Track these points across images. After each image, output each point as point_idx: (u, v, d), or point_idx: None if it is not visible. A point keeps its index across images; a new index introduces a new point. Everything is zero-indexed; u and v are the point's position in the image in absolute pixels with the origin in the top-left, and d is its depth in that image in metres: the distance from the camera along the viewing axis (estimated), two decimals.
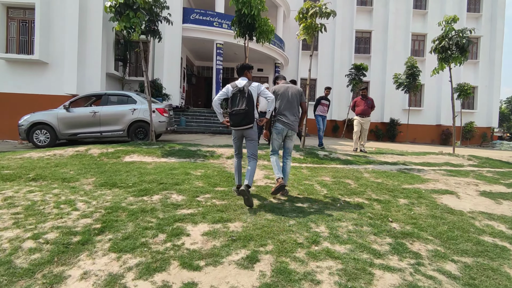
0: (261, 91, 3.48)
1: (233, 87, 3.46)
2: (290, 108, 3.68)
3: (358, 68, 17.15)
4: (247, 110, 3.28)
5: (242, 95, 3.32)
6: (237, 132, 3.52)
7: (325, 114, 7.93)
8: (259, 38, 9.41)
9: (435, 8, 20.31)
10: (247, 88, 3.37)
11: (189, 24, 13.67)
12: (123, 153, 5.47)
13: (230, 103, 3.39)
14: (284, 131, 3.66)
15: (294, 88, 3.86)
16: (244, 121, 3.32)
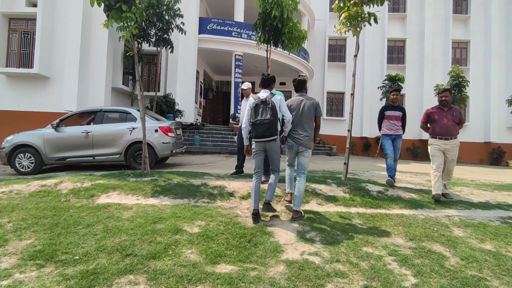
0: (281, 107, 3.36)
1: (255, 99, 3.34)
2: (302, 123, 3.52)
3: (392, 79, 15.27)
4: (272, 120, 3.16)
5: (266, 106, 3.21)
6: (259, 144, 3.32)
7: (396, 132, 5.08)
8: (287, 46, 7.92)
9: (479, 12, 18.18)
10: (270, 100, 3.25)
11: (206, 34, 12.55)
12: (101, 189, 4.01)
13: (253, 113, 3.25)
14: (294, 147, 3.54)
15: (308, 101, 3.60)
16: (268, 132, 3.19)
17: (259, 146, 3.31)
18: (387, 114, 5.27)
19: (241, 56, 13.07)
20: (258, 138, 3.23)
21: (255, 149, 3.36)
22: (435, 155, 4.36)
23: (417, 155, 17.69)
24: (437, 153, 4.33)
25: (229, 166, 7.23)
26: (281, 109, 3.34)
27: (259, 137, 3.21)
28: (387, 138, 5.16)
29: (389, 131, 5.14)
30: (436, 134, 4.38)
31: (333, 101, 18.83)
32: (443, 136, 4.30)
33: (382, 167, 9.02)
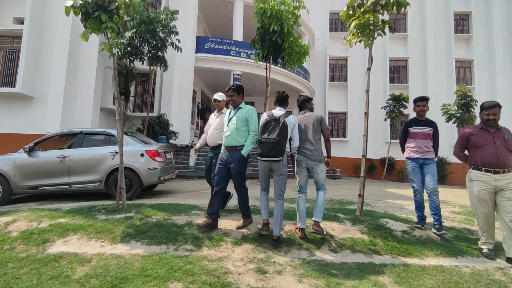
0: (294, 131, 3.30)
1: (268, 115, 3.25)
2: (309, 138, 3.40)
3: (396, 98, 14.70)
4: (279, 140, 2.99)
5: (276, 124, 3.06)
6: (264, 163, 3.19)
7: (425, 155, 3.82)
8: (287, 62, 7.35)
9: (481, 32, 17.98)
10: (283, 119, 3.11)
11: (203, 53, 12.12)
12: (59, 232, 3.21)
13: (261, 130, 3.13)
14: (305, 162, 3.36)
15: (311, 117, 3.54)
16: (272, 152, 3.01)
17: (264, 165, 3.22)
18: (412, 132, 3.99)
19: (240, 75, 12.59)
20: (262, 157, 3.11)
21: (260, 167, 3.28)
22: (481, 197, 3.19)
23: None
24: (485, 194, 3.16)
25: None
26: (292, 133, 3.28)
27: (263, 156, 3.08)
28: (413, 163, 3.92)
29: (416, 153, 3.88)
30: (483, 164, 3.22)
31: (335, 122, 18.23)
32: (492, 167, 3.15)
33: (394, 194, 8.19)
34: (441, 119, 16.53)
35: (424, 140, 3.87)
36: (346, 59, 18.28)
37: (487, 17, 17.99)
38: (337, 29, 18.69)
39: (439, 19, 18.06)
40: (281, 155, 3.05)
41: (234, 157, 3.37)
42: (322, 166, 3.38)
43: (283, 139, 3.04)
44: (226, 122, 3.62)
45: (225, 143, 3.56)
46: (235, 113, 3.56)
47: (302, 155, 3.37)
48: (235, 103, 3.65)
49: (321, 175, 3.37)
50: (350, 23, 4.23)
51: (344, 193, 7.67)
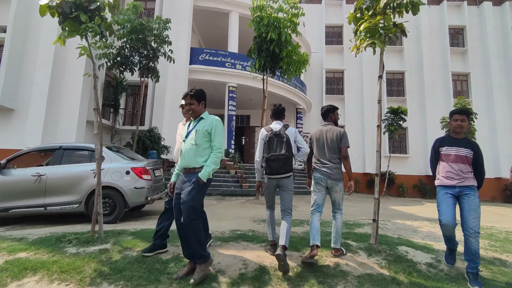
0: (297, 140, 3.18)
1: (267, 131, 3.13)
2: (327, 154, 3.13)
3: (395, 111, 14.41)
4: (288, 155, 2.95)
5: (280, 139, 2.99)
6: (272, 181, 3.03)
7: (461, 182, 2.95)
8: (285, 72, 6.94)
9: (476, 45, 18.03)
10: (283, 133, 3.03)
11: (198, 65, 11.75)
12: (15, 272, 2.61)
13: (267, 148, 3.01)
14: (323, 181, 3.10)
15: (332, 131, 3.19)
16: (283, 169, 2.94)
17: (271, 182, 3.07)
18: (444, 153, 3.08)
19: (235, 87, 12.20)
20: (272, 175, 3.00)
21: (267, 185, 3.12)
22: None
23: (425, 192, 16.43)
24: None
25: (218, 215, 5.85)
26: (297, 142, 3.17)
27: (274, 173, 2.98)
28: (444, 192, 3.04)
29: (448, 180, 3.00)
30: None
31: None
32: None
33: (400, 212, 7.68)
34: (441, 132, 16.29)
35: (460, 164, 2.98)
36: (342, 72, 18.11)
37: (481, 31, 18.11)
38: (333, 42, 18.61)
39: (434, 32, 18.13)
40: (291, 171, 3.02)
41: (190, 180, 2.64)
42: (341, 185, 3.17)
43: (291, 153, 3.01)
44: (182, 137, 2.92)
45: (181, 163, 2.84)
46: (195, 126, 2.79)
47: (321, 173, 3.13)
48: (195, 113, 2.82)
49: (339, 194, 3.17)
50: (358, 27, 3.81)
51: (348, 212, 7.13)
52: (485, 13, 17.96)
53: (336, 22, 18.54)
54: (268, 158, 2.97)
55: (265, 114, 7.88)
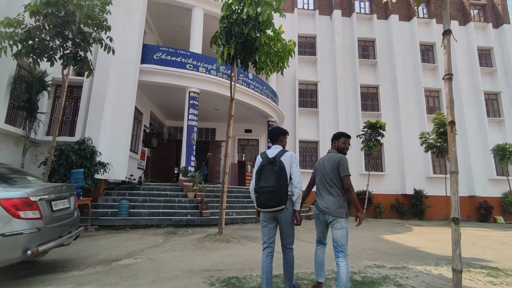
0: (292, 168, 2.77)
1: (263, 158, 2.83)
2: (325, 187, 2.82)
3: (373, 126, 13.35)
4: (277, 187, 2.59)
5: (272, 168, 2.66)
6: (266, 214, 2.73)
7: None
8: (263, 65, 5.22)
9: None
10: (278, 159, 2.71)
11: (151, 64, 9.72)
12: None
13: (258, 177, 2.70)
14: (321, 217, 2.83)
15: (330, 158, 2.88)
16: (273, 202, 2.59)
17: (266, 215, 2.76)
18: None
19: (197, 94, 10.29)
20: (263, 208, 2.68)
21: (262, 218, 2.80)
22: None
23: (403, 213, 15.39)
24: None
25: (158, 267, 3.77)
26: (291, 171, 2.75)
27: (263, 207, 2.66)
28: None
29: None
30: None
31: (306, 152, 16.44)
32: None
33: (396, 244, 6.06)
34: (419, 148, 15.54)
35: None
36: (316, 84, 16.99)
37: None
38: (306, 52, 17.56)
39: (407, 47, 17.85)
40: (284, 203, 2.63)
41: None
42: (342, 222, 2.74)
43: (282, 184, 2.62)
44: None
45: None
46: None
47: (317, 207, 2.86)
48: None
49: (339, 232, 2.72)
50: None
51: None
52: (452, 32, 18.01)
53: (309, 32, 17.60)
54: (256, 190, 2.71)
55: (232, 121, 6.05)
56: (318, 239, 2.98)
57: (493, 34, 18.58)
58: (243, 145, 15.79)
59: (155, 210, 7.72)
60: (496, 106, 17.87)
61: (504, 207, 16.18)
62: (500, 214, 16.21)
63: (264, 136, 14.36)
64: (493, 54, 18.36)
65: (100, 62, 8.35)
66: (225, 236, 5.84)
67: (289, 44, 5.01)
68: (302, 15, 17.86)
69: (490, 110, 17.65)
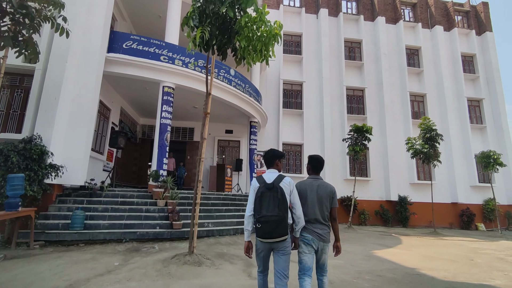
0: (292, 197, 2.61)
1: (260, 183, 2.62)
2: (319, 215, 2.74)
3: (359, 130, 12.79)
4: (281, 216, 2.44)
5: (273, 195, 2.49)
6: (265, 244, 2.54)
7: None
8: (244, 53, 4.34)
9: (430, 67, 17.84)
10: (277, 185, 2.55)
11: (120, 54, 8.59)
12: None
13: (259, 205, 2.50)
14: (314, 243, 2.70)
15: (325, 188, 2.81)
16: (277, 232, 2.43)
17: (265, 246, 2.57)
18: None
19: (173, 89, 9.25)
20: (265, 239, 2.50)
21: (260, 248, 2.60)
22: None
23: (387, 219, 14.96)
24: None
25: None
26: (291, 200, 2.61)
27: (266, 237, 2.48)
28: None
29: None
30: None
31: (289, 155, 15.68)
32: None
33: (394, 264, 5.31)
34: (406, 154, 15.16)
35: None
36: (301, 85, 16.30)
37: (434, 53, 18.05)
38: (291, 51, 16.85)
39: (393, 51, 17.55)
40: (287, 233, 2.49)
41: None
42: (329, 246, 2.79)
43: (285, 212, 2.48)
44: None
45: None
46: None
47: (313, 234, 2.70)
48: None
49: (327, 256, 2.79)
50: None
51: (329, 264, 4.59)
52: (437, 37, 17.99)
53: (295, 30, 16.90)
54: (258, 218, 2.47)
55: (207, 119, 5.11)
56: (306, 270, 2.67)
57: (476, 41, 18.68)
58: (223, 147, 14.81)
59: (117, 222, 6.63)
60: (478, 113, 17.91)
61: (485, 214, 16.14)
62: (481, 222, 16.16)
63: (246, 138, 13.45)
64: (476, 61, 18.44)
65: (56, 48, 7.17)
66: (196, 256, 4.88)
67: (274, 27, 4.14)
68: (288, 12, 17.15)
69: (472, 116, 17.65)
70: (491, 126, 17.51)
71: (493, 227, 16.02)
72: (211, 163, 14.20)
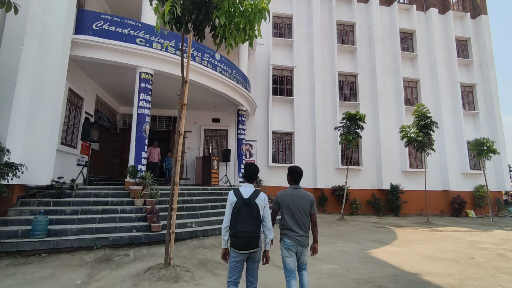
0: (265, 212, 2.83)
1: (237, 197, 2.78)
2: (301, 222, 2.97)
3: (352, 118, 12.24)
4: (255, 232, 2.69)
5: (249, 212, 2.68)
6: (239, 255, 2.74)
7: None
8: (223, 32, 3.58)
9: (424, 52, 17.26)
10: (253, 201, 2.73)
11: (90, 36, 7.64)
12: None
13: (235, 219, 2.69)
14: (295, 247, 2.96)
15: (306, 198, 3.03)
16: (249, 246, 2.68)
17: (240, 256, 2.75)
18: None
19: (151, 75, 8.40)
20: (238, 250, 2.70)
21: (235, 258, 2.75)
22: None
23: (379, 209, 14.70)
24: None
25: None
26: (264, 214, 2.82)
27: (239, 249, 2.69)
28: None
29: None
30: None
31: (279, 144, 15.07)
32: None
33: (395, 269, 4.83)
34: (399, 143, 14.77)
35: None
36: (291, 70, 15.53)
37: (428, 37, 17.45)
38: (281, 34, 15.95)
39: (386, 34, 16.86)
40: (258, 246, 2.75)
41: None
42: (308, 249, 3.08)
43: (258, 227, 2.75)
44: None
45: None
46: None
47: (292, 240, 2.96)
48: None
49: (305, 257, 3.06)
50: None
51: (324, 268, 4.06)
52: (432, 20, 17.35)
53: (285, 11, 15.95)
54: (234, 233, 2.69)
55: (184, 112, 4.39)
56: (291, 272, 2.95)
57: (471, 24, 18.14)
58: (210, 136, 14.07)
59: (88, 226, 5.92)
60: (471, 99, 17.59)
61: (475, 201, 16.08)
62: (472, 208, 16.12)
63: (234, 127, 12.72)
64: (470, 45, 17.97)
65: (9, 29, 6.20)
66: (173, 270, 4.26)
67: (261, 0, 3.38)
68: None
69: (465, 102, 17.32)
70: (483, 112, 17.25)
71: (483, 213, 16.03)
72: (197, 153, 13.49)
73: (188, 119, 13.83)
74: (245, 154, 13.65)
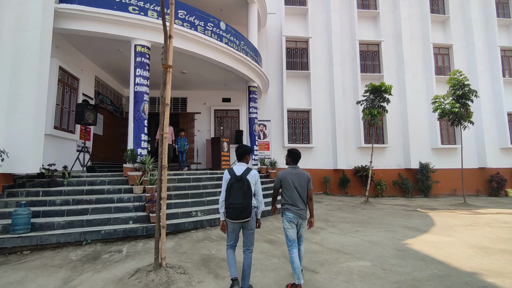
0: (257, 187, 3.19)
1: (231, 175, 3.14)
2: (301, 198, 3.38)
3: (377, 90, 10.84)
4: (245, 204, 3.00)
5: (240, 186, 3.03)
6: (234, 224, 3.13)
7: None
8: None
9: (457, 13, 15.26)
10: (245, 177, 3.07)
11: (76, 5, 6.75)
12: None
13: (228, 194, 3.06)
14: (295, 219, 3.33)
15: (303, 175, 3.43)
16: (241, 216, 3.02)
17: (234, 225, 3.14)
18: None
19: (148, 48, 7.48)
20: (232, 220, 3.07)
21: (230, 226, 3.16)
22: None
23: (406, 189, 13.45)
24: None
25: None
26: (255, 189, 3.19)
27: (233, 219, 3.06)
28: None
29: None
30: None
31: (296, 123, 13.96)
32: None
33: (443, 265, 3.79)
34: (431, 116, 13.30)
35: None
36: (307, 41, 14.13)
37: None
38: (294, 2, 14.47)
39: None
40: (250, 216, 3.07)
41: None
42: (306, 222, 3.44)
43: (249, 200, 3.04)
44: None
45: None
46: None
47: (294, 213, 3.33)
48: None
49: (303, 229, 3.47)
50: None
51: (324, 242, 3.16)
52: None
53: None
54: (227, 205, 3.03)
55: (169, 76, 3.43)
56: (292, 242, 3.29)
57: None
58: (220, 117, 13.15)
59: (79, 218, 5.23)
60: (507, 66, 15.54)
61: None
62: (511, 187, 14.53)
63: (245, 106, 11.70)
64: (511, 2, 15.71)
65: None
66: (165, 272, 3.46)
67: None
68: None
69: (505, 69, 15.32)
70: None
71: None
72: (208, 136, 12.66)
73: (197, 100, 12.95)
74: (259, 135, 12.71)
